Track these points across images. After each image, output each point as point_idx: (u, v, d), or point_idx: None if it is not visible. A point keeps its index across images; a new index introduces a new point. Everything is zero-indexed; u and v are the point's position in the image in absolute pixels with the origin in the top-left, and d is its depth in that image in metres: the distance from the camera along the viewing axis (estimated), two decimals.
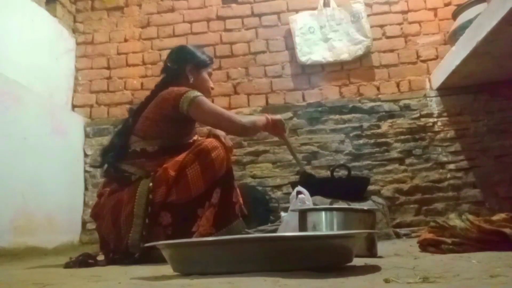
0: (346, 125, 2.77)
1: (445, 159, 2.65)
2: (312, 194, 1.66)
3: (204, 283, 0.75)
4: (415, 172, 2.65)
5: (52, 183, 2.47)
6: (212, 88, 1.87)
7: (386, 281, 0.72)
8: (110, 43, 3.10)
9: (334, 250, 0.87)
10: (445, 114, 2.71)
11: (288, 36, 2.94)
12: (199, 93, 1.62)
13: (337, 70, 2.88)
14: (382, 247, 1.46)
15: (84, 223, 2.77)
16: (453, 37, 2.47)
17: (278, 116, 1.85)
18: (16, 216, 2.13)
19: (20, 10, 2.51)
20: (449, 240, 1.18)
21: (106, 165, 1.66)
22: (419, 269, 0.84)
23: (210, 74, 1.85)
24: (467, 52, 2.15)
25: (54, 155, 2.52)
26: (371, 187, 2.50)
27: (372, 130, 2.74)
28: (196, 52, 1.81)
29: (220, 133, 1.72)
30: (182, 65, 1.75)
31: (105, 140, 2.83)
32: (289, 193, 1.94)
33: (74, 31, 3.13)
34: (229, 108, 2.88)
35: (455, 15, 2.55)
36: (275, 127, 1.83)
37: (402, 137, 2.71)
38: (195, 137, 1.77)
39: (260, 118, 1.77)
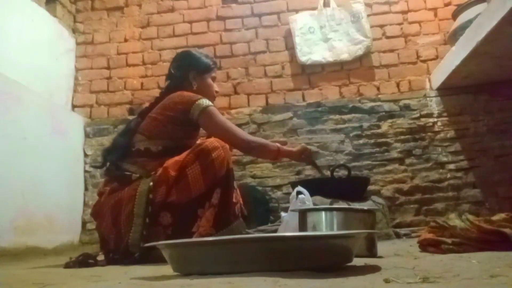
0: (346, 125, 2.77)
1: (445, 159, 2.65)
2: (312, 194, 1.66)
3: (204, 283, 0.75)
4: (415, 172, 2.65)
5: (52, 183, 2.47)
6: (217, 92, 1.89)
7: (386, 281, 0.72)
8: (110, 43, 3.10)
9: (334, 250, 0.87)
10: (445, 114, 2.71)
11: (288, 36, 2.94)
12: (210, 103, 1.66)
13: (337, 70, 2.88)
14: (382, 247, 1.46)
15: (84, 223, 2.77)
16: (453, 37, 2.47)
17: (299, 148, 1.81)
18: (16, 216, 2.13)
19: (20, 10, 2.51)
20: (449, 240, 1.18)
21: (107, 164, 1.67)
22: (419, 269, 0.84)
23: (214, 78, 1.87)
24: (467, 52, 2.15)
25: (54, 155, 2.52)
26: (371, 187, 2.50)
27: (372, 130, 2.74)
28: (199, 58, 1.83)
29: None
30: (185, 72, 1.77)
31: (105, 140, 2.83)
32: (289, 193, 1.94)
33: (74, 31, 3.13)
34: (229, 108, 2.89)
35: (455, 15, 2.55)
36: (301, 158, 1.83)
37: (402, 137, 2.71)
38: (199, 141, 1.78)
39: (270, 145, 1.74)
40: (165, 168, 1.50)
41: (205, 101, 1.64)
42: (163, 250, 0.93)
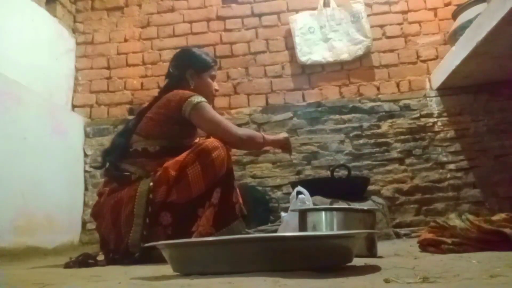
0: (346, 125, 2.77)
1: (445, 159, 2.65)
2: (312, 194, 1.66)
3: (204, 283, 0.75)
4: (415, 172, 2.65)
5: (52, 183, 2.47)
6: (217, 90, 1.85)
7: (386, 281, 0.72)
8: (110, 43, 3.10)
9: (334, 250, 0.87)
10: (445, 114, 2.71)
11: (288, 36, 2.94)
12: (203, 99, 1.63)
13: (337, 70, 2.88)
14: (382, 247, 1.46)
15: (84, 223, 2.77)
16: (453, 37, 2.47)
17: (280, 137, 1.83)
18: (16, 216, 2.13)
19: (20, 10, 2.51)
20: (449, 240, 1.18)
21: (107, 165, 1.66)
22: (419, 269, 0.84)
23: (213, 77, 1.83)
24: (467, 52, 2.15)
25: (54, 155, 2.52)
26: (371, 187, 2.50)
27: (372, 130, 2.74)
28: (198, 56, 1.80)
29: None
30: (183, 71, 1.75)
31: (105, 140, 2.83)
32: (289, 193, 1.94)
33: (74, 31, 3.13)
34: (229, 108, 2.89)
35: (455, 15, 2.55)
36: (282, 147, 1.86)
37: (402, 137, 2.71)
38: (197, 140, 1.77)
39: (257, 135, 1.74)
40: (165, 168, 1.50)
41: (197, 98, 1.61)
42: (163, 250, 0.93)
